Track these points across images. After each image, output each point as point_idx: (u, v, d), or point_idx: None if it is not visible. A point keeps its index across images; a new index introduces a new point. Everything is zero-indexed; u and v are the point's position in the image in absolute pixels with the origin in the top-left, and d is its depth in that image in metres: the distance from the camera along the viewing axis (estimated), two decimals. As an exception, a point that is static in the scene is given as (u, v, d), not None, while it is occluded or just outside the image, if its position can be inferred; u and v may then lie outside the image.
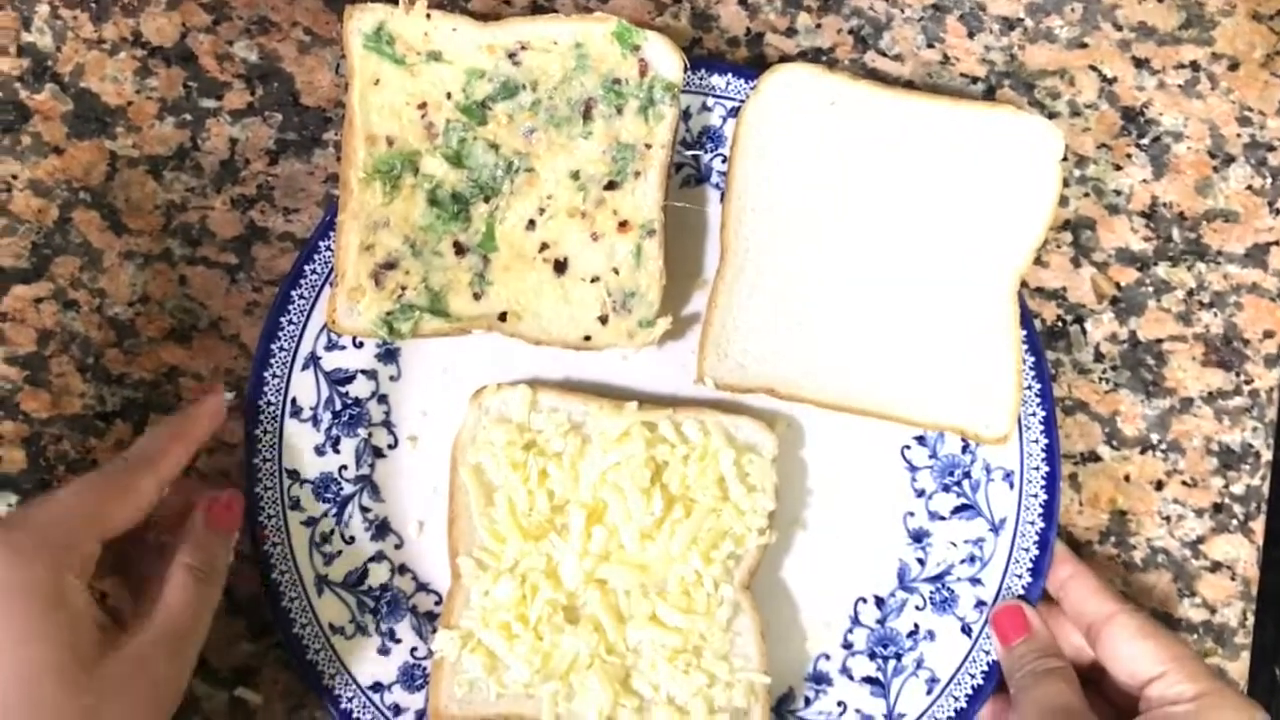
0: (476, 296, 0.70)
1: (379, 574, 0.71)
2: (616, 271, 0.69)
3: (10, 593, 0.56)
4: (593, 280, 0.70)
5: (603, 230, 0.69)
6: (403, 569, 0.72)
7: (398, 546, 0.72)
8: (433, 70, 0.69)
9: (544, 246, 0.70)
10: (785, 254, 0.70)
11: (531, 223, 0.70)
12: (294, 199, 0.74)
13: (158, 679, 0.60)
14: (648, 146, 0.69)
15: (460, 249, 0.70)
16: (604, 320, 0.70)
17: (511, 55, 0.69)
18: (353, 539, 0.71)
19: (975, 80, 0.76)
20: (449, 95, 0.69)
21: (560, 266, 0.70)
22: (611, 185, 0.69)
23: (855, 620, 0.72)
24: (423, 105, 0.69)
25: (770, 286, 0.70)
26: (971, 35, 0.76)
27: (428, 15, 0.68)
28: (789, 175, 0.70)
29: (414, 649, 0.71)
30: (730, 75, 0.72)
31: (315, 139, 0.74)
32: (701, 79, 0.72)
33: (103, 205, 0.73)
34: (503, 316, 0.70)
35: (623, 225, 0.69)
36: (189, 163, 0.73)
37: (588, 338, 0.70)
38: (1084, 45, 0.76)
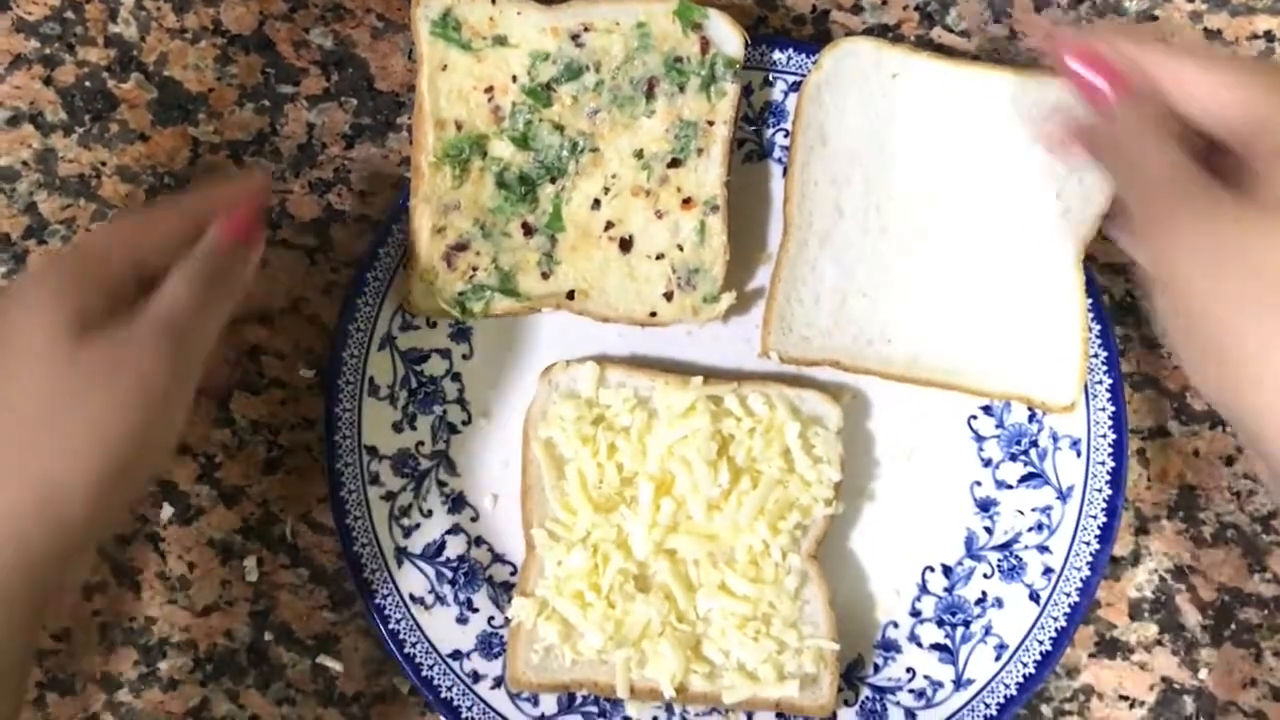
0: (545, 276, 0.72)
1: (456, 546, 0.73)
2: (681, 248, 0.71)
3: (26, 299, 0.57)
4: (657, 257, 0.71)
5: (666, 208, 0.71)
6: (479, 541, 0.74)
7: (473, 519, 0.74)
8: (498, 54, 0.70)
9: (609, 225, 0.71)
10: (848, 227, 0.71)
11: (597, 202, 0.71)
12: (370, 182, 0.76)
13: (145, 372, 0.57)
14: (710, 124, 0.70)
15: (528, 229, 0.71)
16: (669, 296, 0.71)
17: (575, 37, 0.70)
18: (430, 512, 0.73)
19: (1043, 55, 0.76)
20: (514, 78, 0.70)
21: (625, 244, 0.71)
22: (675, 163, 0.70)
23: (923, 588, 0.73)
24: (489, 89, 0.70)
25: (833, 260, 0.71)
26: (1039, 9, 0.76)
27: (493, 0, 0.69)
28: (851, 148, 0.71)
29: (491, 618, 0.72)
30: (792, 50, 0.73)
31: (389, 123, 0.76)
32: (763, 55, 0.73)
33: (186, 190, 0.76)
34: (570, 295, 0.72)
35: (686, 202, 0.71)
36: (268, 147, 0.76)
37: (653, 314, 0.71)
38: (1154, 17, 0.76)
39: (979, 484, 0.73)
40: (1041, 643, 0.70)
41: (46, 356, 0.56)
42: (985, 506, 0.73)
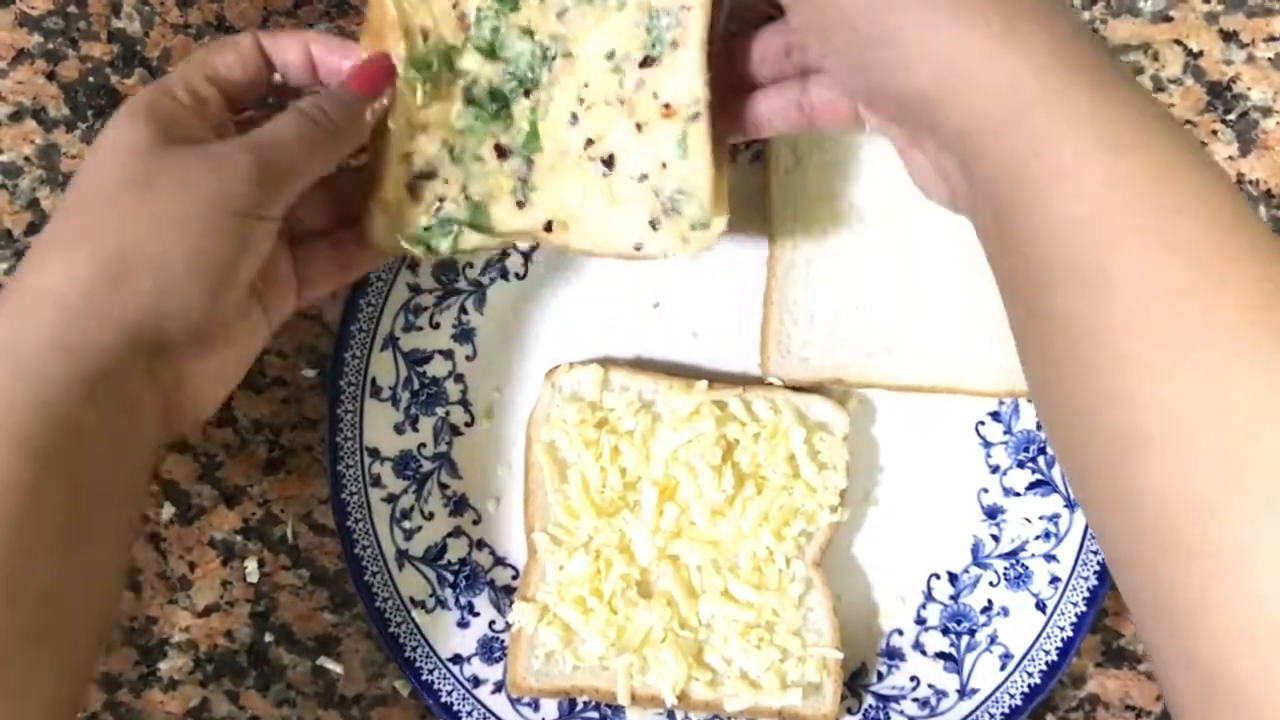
0: (520, 205, 0.65)
1: (457, 549, 0.73)
2: (665, 166, 0.63)
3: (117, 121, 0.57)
4: (640, 179, 0.63)
5: (646, 118, 0.63)
6: (480, 544, 0.73)
7: (475, 522, 0.74)
8: None
9: (589, 143, 0.64)
10: (837, 239, 0.70)
11: (574, 116, 0.64)
12: (372, 181, 0.75)
13: (229, 188, 0.55)
14: (685, 9, 0.61)
15: (502, 152, 0.64)
16: (654, 225, 0.64)
17: None
18: (432, 515, 0.72)
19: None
20: None
21: (608, 164, 0.64)
22: (648, 61, 0.62)
23: (928, 596, 0.72)
24: None
25: (824, 275, 0.70)
26: (1049, 8, 0.75)
27: None
28: (828, 161, 0.69)
29: (492, 622, 0.72)
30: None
31: (392, 121, 0.75)
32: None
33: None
34: (548, 227, 0.65)
35: (666, 109, 0.62)
36: (271, 146, 0.75)
37: (638, 246, 0.64)
38: (1169, 18, 0.75)
39: (986, 490, 0.72)
40: (1047, 652, 0.69)
41: (127, 149, 0.55)
42: (992, 514, 0.72)
